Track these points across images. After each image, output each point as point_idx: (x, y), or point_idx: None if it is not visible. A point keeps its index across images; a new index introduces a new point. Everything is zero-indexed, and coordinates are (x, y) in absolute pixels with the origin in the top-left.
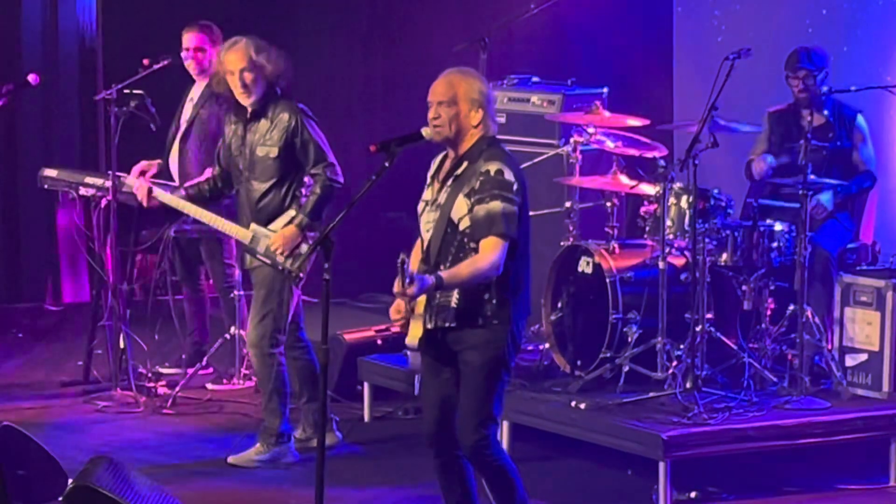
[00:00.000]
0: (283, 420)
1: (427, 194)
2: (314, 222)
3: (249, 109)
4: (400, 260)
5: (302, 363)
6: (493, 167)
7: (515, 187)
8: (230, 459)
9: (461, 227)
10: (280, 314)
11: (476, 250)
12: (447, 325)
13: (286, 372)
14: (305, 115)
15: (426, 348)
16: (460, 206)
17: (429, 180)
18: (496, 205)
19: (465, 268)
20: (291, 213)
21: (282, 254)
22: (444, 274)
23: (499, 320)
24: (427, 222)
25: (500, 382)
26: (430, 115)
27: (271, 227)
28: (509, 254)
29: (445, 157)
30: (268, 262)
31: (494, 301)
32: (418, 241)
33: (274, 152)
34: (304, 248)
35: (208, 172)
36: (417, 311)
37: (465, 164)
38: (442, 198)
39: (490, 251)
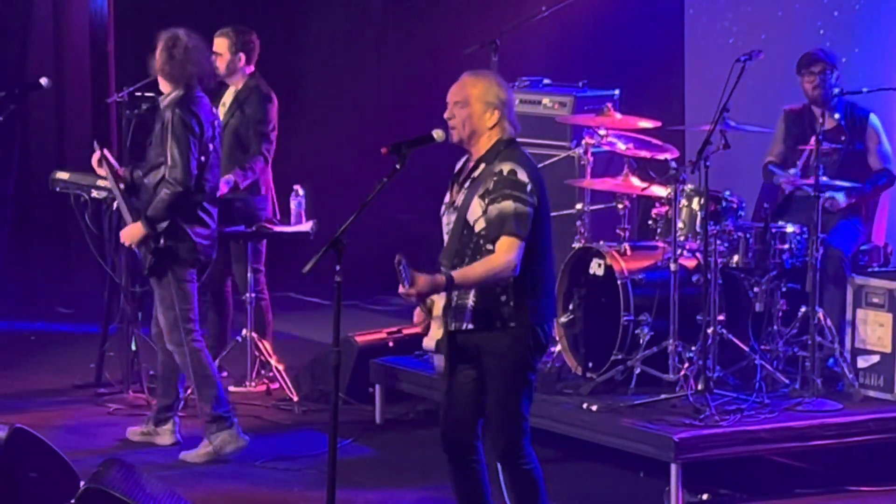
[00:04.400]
0: (215, 402)
1: (447, 197)
2: (152, 216)
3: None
4: (396, 260)
5: (163, 358)
6: (506, 167)
7: (529, 188)
8: (181, 455)
9: (477, 229)
10: (171, 305)
11: (492, 252)
12: (465, 327)
13: (199, 356)
14: (184, 110)
15: (447, 350)
16: (475, 208)
17: (450, 183)
18: (507, 204)
19: (479, 267)
20: None
21: (133, 245)
22: (456, 273)
23: (517, 324)
24: (447, 224)
25: (526, 384)
26: (447, 115)
27: None
28: (526, 256)
29: (467, 160)
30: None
31: (512, 304)
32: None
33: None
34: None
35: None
36: (436, 313)
37: (482, 166)
38: (459, 200)
39: (505, 251)
